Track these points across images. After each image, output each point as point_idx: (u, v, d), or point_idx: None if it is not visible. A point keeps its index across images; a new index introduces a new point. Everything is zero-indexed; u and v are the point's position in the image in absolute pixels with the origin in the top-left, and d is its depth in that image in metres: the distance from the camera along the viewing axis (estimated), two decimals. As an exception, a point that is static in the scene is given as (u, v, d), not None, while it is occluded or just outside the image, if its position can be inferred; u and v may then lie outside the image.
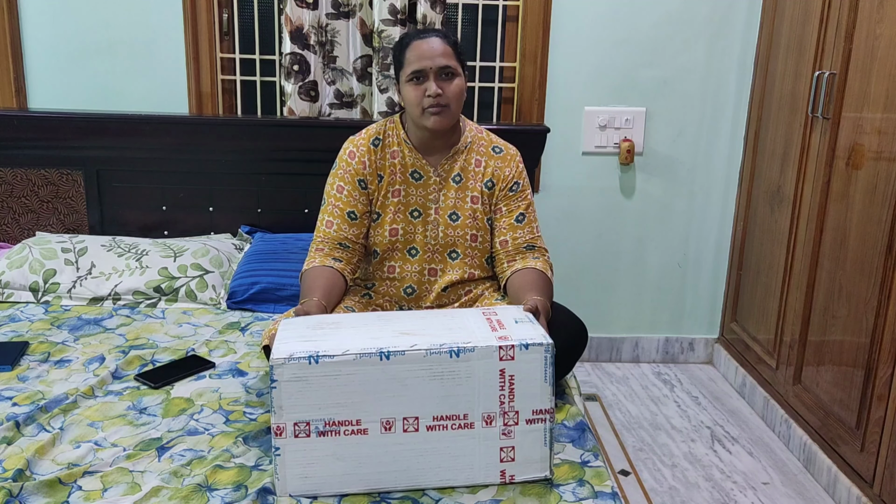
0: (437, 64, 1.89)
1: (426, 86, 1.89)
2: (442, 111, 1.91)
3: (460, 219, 2.01)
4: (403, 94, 1.95)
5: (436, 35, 1.93)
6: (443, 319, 1.61)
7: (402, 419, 1.46)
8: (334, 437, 1.45)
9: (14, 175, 2.78)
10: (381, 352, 1.44)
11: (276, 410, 1.44)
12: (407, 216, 2.01)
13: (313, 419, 1.44)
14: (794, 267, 2.66)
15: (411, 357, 1.44)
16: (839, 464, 2.35)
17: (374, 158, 2.00)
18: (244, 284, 2.43)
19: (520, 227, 2.02)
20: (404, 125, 2.03)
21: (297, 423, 1.44)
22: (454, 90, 1.92)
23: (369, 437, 1.46)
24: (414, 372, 1.45)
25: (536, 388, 1.49)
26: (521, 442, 1.50)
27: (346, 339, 1.49)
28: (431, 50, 1.89)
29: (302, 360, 1.42)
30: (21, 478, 1.48)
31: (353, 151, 2.01)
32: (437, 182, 2.01)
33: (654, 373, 3.24)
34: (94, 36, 2.84)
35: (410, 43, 1.92)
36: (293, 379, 1.42)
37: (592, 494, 1.50)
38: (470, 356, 1.45)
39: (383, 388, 1.45)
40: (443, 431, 1.48)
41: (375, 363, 1.44)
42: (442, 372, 1.46)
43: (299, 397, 1.43)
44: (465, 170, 2.02)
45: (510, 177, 2.02)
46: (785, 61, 2.76)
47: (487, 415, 1.48)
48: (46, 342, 2.12)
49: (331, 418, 1.44)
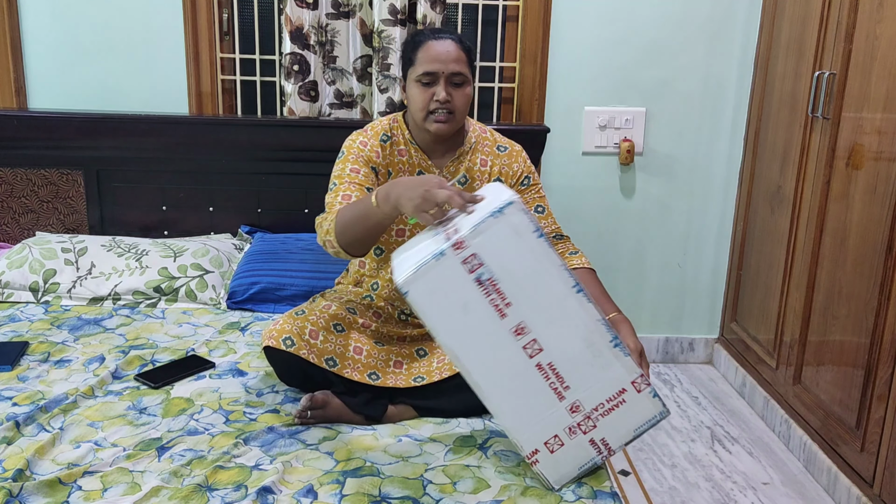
0: (450, 69, 1.85)
1: (435, 90, 1.85)
2: (448, 118, 1.87)
3: None
4: (409, 94, 1.91)
5: (451, 38, 1.88)
6: None
7: (533, 339, 1.45)
8: (485, 295, 1.42)
9: (14, 175, 2.78)
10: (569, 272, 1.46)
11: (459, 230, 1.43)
12: None
13: (485, 266, 1.41)
14: (794, 267, 2.66)
15: (589, 311, 1.47)
16: (839, 464, 2.35)
17: (385, 154, 1.95)
18: (244, 284, 2.43)
19: (542, 217, 2.00)
20: (408, 125, 1.99)
21: (468, 257, 1.41)
22: (462, 98, 1.88)
23: (502, 322, 1.44)
24: (584, 321, 1.46)
25: (624, 429, 1.53)
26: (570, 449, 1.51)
27: None
28: (446, 54, 1.85)
29: None
30: (21, 478, 1.47)
31: (365, 141, 1.95)
32: None
33: (654, 373, 3.24)
34: (94, 36, 2.84)
35: (424, 42, 1.87)
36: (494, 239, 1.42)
37: (592, 494, 1.50)
38: (620, 356, 1.49)
39: (551, 301, 1.45)
40: (545, 379, 1.47)
41: (563, 275, 1.45)
42: (595, 343, 1.47)
43: (492, 245, 1.42)
44: (471, 171, 1.99)
45: (518, 172, 2.00)
46: (785, 61, 2.77)
47: (578, 405, 1.50)
48: (46, 342, 2.12)
49: (495, 279, 1.42)
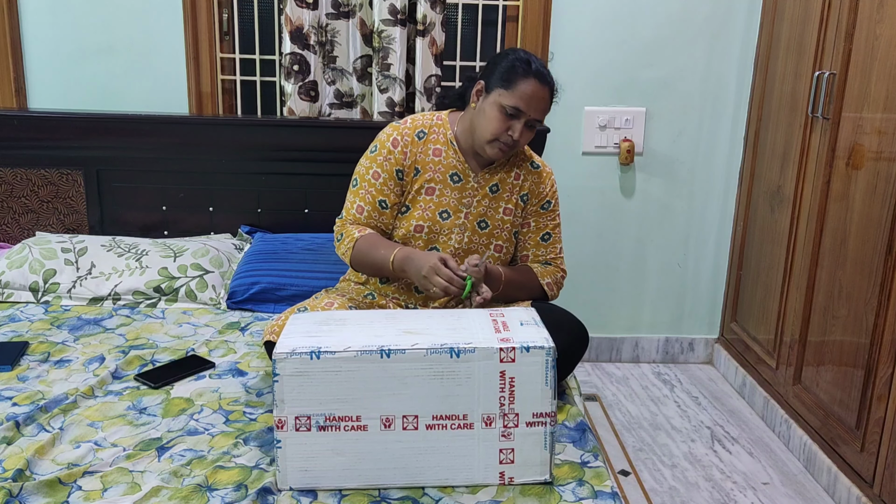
0: (535, 115, 1.87)
1: (512, 125, 1.87)
2: (508, 152, 1.91)
3: (488, 227, 2.01)
4: (484, 109, 1.89)
5: (549, 86, 1.89)
6: (448, 320, 1.61)
7: (401, 417, 1.47)
8: (334, 433, 1.46)
9: (14, 175, 2.78)
10: (382, 350, 1.44)
11: (277, 404, 1.45)
12: (436, 215, 1.98)
13: (314, 414, 1.45)
14: (794, 267, 2.66)
15: (412, 356, 1.45)
16: (839, 464, 2.35)
17: (416, 151, 1.97)
18: (244, 284, 2.43)
19: (544, 245, 2.06)
20: (454, 125, 2.00)
21: (298, 416, 1.45)
22: (526, 139, 1.93)
23: (369, 433, 1.47)
24: (414, 371, 1.45)
25: (537, 392, 1.49)
26: (521, 445, 1.50)
27: (350, 336, 1.50)
28: (541, 101, 1.87)
29: (304, 356, 1.44)
30: (21, 478, 1.47)
31: (398, 140, 1.97)
32: (474, 188, 1.99)
33: (654, 373, 3.24)
34: (94, 36, 2.84)
35: (529, 77, 1.85)
36: (295, 373, 1.44)
37: (592, 494, 1.50)
38: (470, 357, 1.45)
39: (383, 386, 1.45)
40: (442, 431, 1.48)
41: (376, 360, 1.44)
42: (442, 372, 1.46)
43: (301, 391, 1.44)
44: (504, 181, 2.01)
45: (544, 194, 2.04)
46: (785, 61, 2.77)
47: (487, 416, 1.48)
48: (46, 342, 2.12)
49: (331, 413, 1.46)
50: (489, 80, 1.90)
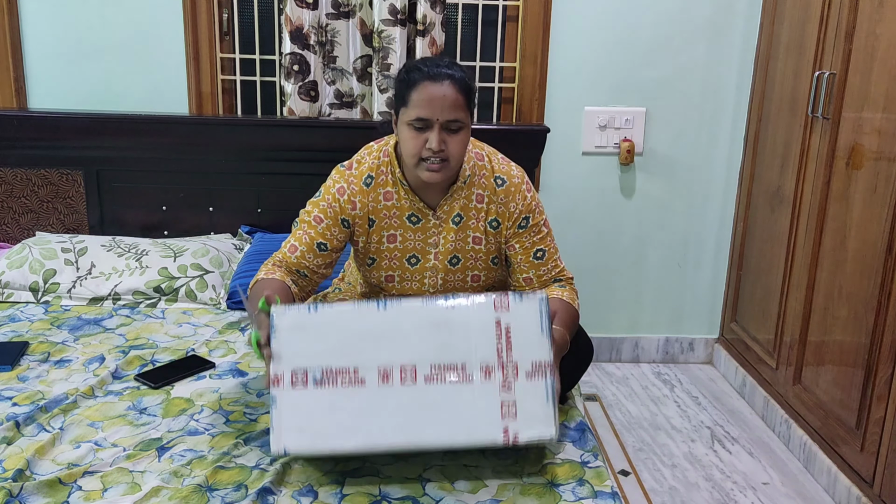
0: (445, 117, 1.68)
1: (428, 136, 1.69)
2: (441, 167, 1.71)
3: (461, 262, 1.87)
4: (400, 136, 1.74)
5: (449, 79, 1.69)
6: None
7: (399, 369, 1.46)
8: (331, 388, 1.44)
9: (14, 175, 2.78)
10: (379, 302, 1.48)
11: (274, 360, 1.45)
12: (404, 263, 1.87)
13: (310, 367, 1.45)
14: (794, 267, 2.66)
15: (408, 306, 1.49)
16: (839, 464, 2.35)
17: (367, 201, 1.81)
18: (244, 284, 2.43)
19: (542, 263, 1.86)
20: (399, 160, 1.82)
21: (294, 371, 1.44)
22: (458, 145, 1.72)
23: (366, 387, 1.45)
24: (411, 319, 1.48)
25: (534, 339, 1.48)
26: (523, 397, 1.47)
27: None
28: (442, 98, 1.67)
29: (302, 308, 1.46)
30: (21, 478, 1.47)
31: (344, 188, 1.82)
32: (436, 224, 1.84)
33: (654, 373, 3.25)
34: (93, 36, 2.84)
35: (419, 83, 1.68)
36: (292, 327, 1.46)
37: (592, 494, 1.50)
38: (464, 303, 1.49)
39: (381, 334, 1.47)
40: (441, 385, 1.46)
41: (373, 311, 1.47)
42: (438, 320, 1.48)
43: (298, 345, 1.45)
44: (466, 208, 1.83)
45: (515, 213, 1.84)
46: (785, 61, 2.77)
47: (485, 366, 1.47)
48: (46, 342, 2.12)
49: (328, 366, 1.45)
50: (395, 106, 1.77)
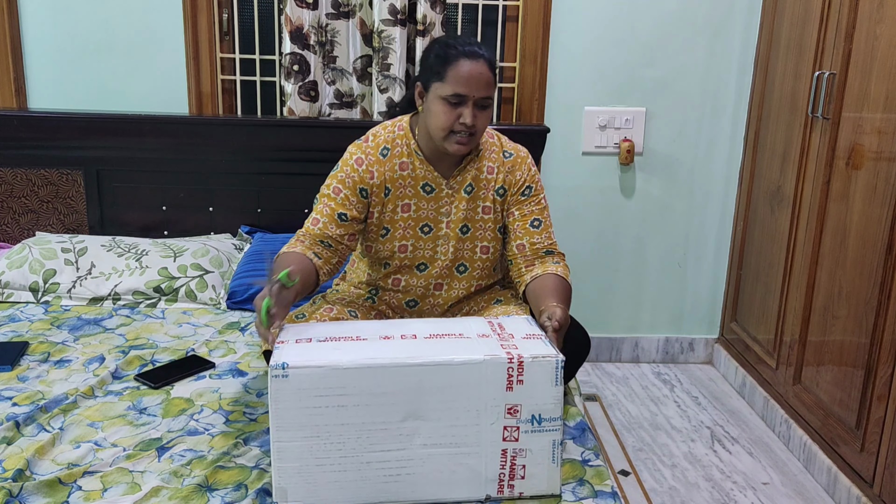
0: (480, 94, 1.77)
1: (461, 112, 1.78)
2: (469, 140, 1.82)
3: (471, 231, 1.94)
4: (431, 108, 1.82)
5: (483, 58, 1.79)
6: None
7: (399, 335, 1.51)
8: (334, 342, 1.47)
9: (14, 175, 2.78)
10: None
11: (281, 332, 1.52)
12: (417, 232, 1.92)
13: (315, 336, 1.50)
14: (794, 267, 2.66)
15: None
16: (839, 464, 2.35)
17: (383, 170, 1.88)
18: (244, 284, 2.43)
19: (536, 232, 1.92)
20: (414, 132, 1.91)
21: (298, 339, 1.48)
22: (485, 121, 1.83)
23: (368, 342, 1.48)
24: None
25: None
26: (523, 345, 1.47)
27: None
28: (478, 76, 1.77)
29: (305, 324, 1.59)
30: (21, 478, 1.48)
31: (362, 158, 1.89)
32: (449, 194, 1.92)
33: (653, 373, 3.25)
34: (94, 36, 2.84)
35: (457, 60, 1.77)
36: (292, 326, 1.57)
37: (592, 494, 1.50)
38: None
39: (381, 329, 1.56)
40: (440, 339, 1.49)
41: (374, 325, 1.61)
42: None
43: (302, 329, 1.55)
44: (477, 179, 1.92)
45: (521, 181, 1.93)
46: (785, 61, 2.77)
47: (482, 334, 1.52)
48: (46, 342, 2.12)
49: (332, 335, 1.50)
50: (424, 79, 1.84)
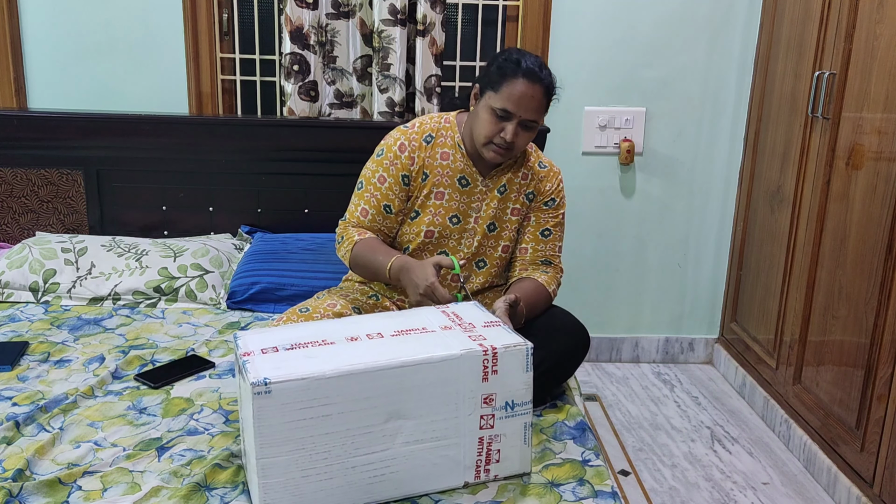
0: (527, 116, 1.83)
1: (505, 127, 1.84)
2: (505, 154, 1.88)
3: (497, 230, 2.01)
4: (479, 113, 1.88)
5: (541, 84, 1.83)
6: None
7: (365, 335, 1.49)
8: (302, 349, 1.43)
9: (14, 175, 2.78)
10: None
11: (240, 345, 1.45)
12: (446, 220, 1.97)
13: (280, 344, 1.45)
14: (794, 267, 2.66)
15: None
16: (839, 464, 2.35)
17: (424, 156, 1.95)
18: (244, 284, 2.43)
19: (543, 240, 2.03)
20: (460, 127, 1.98)
21: (263, 349, 1.43)
22: (525, 141, 1.89)
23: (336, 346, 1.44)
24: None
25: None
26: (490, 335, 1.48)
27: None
28: (531, 99, 1.82)
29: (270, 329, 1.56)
30: (21, 478, 1.48)
31: (405, 144, 1.95)
32: (483, 191, 1.99)
33: (654, 373, 3.25)
34: (94, 36, 2.84)
35: (515, 78, 1.82)
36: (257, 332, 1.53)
37: (592, 494, 1.50)
38: None
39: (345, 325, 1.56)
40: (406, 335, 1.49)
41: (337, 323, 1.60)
42: None
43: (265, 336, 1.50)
44: (511, 182, 2.00)
45: (549, 191, 2.02)
46: (785, 61, 2.77)
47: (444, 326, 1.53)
48: (46, 342, 2.12)
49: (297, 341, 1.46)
50: (483, 83, 1.88)
